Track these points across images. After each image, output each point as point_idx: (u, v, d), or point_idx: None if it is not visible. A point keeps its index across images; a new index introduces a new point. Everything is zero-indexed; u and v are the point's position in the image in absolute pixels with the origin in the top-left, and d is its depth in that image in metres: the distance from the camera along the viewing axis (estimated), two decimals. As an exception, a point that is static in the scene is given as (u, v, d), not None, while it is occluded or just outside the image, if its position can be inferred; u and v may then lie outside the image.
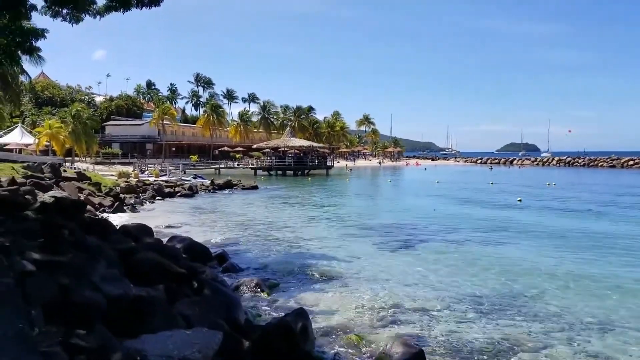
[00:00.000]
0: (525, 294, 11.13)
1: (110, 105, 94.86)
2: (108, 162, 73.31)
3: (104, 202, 25.67)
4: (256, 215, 25.08)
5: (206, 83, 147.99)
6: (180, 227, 20.40)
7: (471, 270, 13.39)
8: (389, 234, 19.34)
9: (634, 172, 77.30)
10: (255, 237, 18.33)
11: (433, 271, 13.24)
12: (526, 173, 77.02)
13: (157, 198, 31.09)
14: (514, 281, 12.23)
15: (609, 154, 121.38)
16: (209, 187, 39.06)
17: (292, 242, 17.44)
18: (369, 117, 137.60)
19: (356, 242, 17.58)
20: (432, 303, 10.40)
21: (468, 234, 19.16)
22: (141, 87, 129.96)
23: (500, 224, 21.82)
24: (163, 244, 11.97)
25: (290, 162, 65.85)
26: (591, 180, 56.64)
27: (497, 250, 16.18)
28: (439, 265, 13.98)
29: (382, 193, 39.22)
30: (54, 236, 9.79)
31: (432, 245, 16.88)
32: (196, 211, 26.24)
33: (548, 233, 19.70)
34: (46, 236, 9.61)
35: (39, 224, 10.44)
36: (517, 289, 11.55)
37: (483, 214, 25.34)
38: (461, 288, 11.60)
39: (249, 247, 16.39)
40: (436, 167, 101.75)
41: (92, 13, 14.71)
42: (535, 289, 11.59)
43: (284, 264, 13.94)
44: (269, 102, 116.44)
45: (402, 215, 24.43)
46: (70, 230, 10.49)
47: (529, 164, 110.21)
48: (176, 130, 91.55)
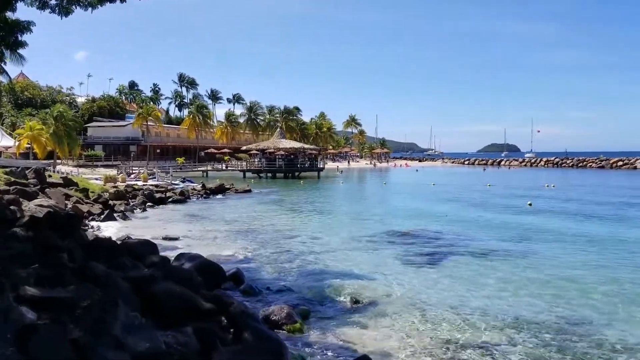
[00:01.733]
0: (590, 319, 9.79)
1: (93, 106, 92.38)
2: (91, 164, 71.10)
3: (93, 209, 23.95)
4: (258, 222, 23.51)
5: (190, 83, 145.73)
6: (179, 239, 18.77)
7: (513, 287, 12.06)
8: (406, 243, 17.92)
9: (623, 173, 77.12)
10: (265, 250, 16.80)
11: (472, 290, 11.88)
12: (518, 174, 76.35)
13: (148, 204, 29.33)
14: (569, 301, 10.91)
15: (591, 154, 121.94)
16: (201, 192, 37.35)
17: (305, 254, 15.98)
18: (356, 118, 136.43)
19: (375, 254, 16.17)
20: (491, 334, 9.01)
21: (491, 243, 17.85)
22: (124, 88, 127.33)
23: (521, 231, 20.54)
24: (176, 267, 10.38)
25: (281, 164, 64.17)
26: (588, 181, 55.97)
27: (534, 262, 14.88)
28: (475, 282, 12.61)
29: (381, 197, 37.85)
30: (52, 262, 8.20)
31: (458, 258, 15.54)
32: (192, 219, 24.56)
33: (580, 240, 18.59)
34: (42, 261, 8.04)
35: (32, 245, 8.86)
36: (579, 311, 10.23)
37: (497, 219, 24.07)
38: (512, 310, 10.27)
39: (261, 262, 14.85)
40: (424, 168, 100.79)
41: (84, 4, 13.14)
42: (599, 310, 10.27)
43: (306, 282, 12.48)
44: (256, 102, 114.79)
45: (413, 222, 23.01)
46: (70, 253, 8.91)
47: (517, 165, 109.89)
48: (161, 131, 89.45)
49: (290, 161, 65.80)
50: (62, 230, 10.90)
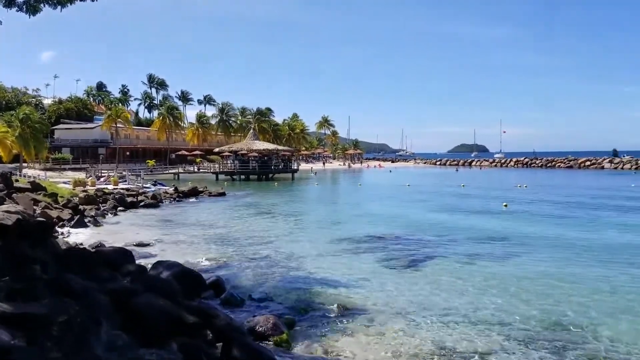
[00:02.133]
0: (579, 323, 9.71)
1: (60, 108, 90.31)
2: (58, 168, 69.39)
3: (63, 215, 23.15)
4: (235, 227, 23.08)
5: (159, 84, 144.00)
6: (153, 244, 18.28)
7: (497, 292, 11.94)
8: (386, 247, 17.74)
9: (591, 173, 78.63)
10: (243, 255, 16.42)
11: (456, 295, 11.74)
12: (490, 174, 77.27)
13: (119, 209, 28.57)
14: (557, 305, 10.84)
15: (558, 154, 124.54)
16: (174, 195, 36.63)
17: (285, 260, 15.66)
18: (329, 119, 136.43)
19: (357, 259, 15.88)
20: (480, 340, 8.86)
21: (471, 246, 17.80)
22: (92, 89, 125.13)
23: (500, 233, 20.56)
24: (154, 276, 9.95)
25: (255, 165, 63.53)
26: (558, 181, 56.84)
27: (515, 265, 14.84)
28: (458, 287, 12.46)
29: (358, 199, 37.57)
30: (24, 274, 7.73)
31: (440, 261, 15.39)
32: (166, 224, 23.98)
33: (558, 241, 18.77)
34: (13, 274, 7.57)
35: (0, 256, 8.36)
36: (567, 315, 10.14)
37: (475, 221, 24.11)
38: (498, 315, 10.15)
39: (240, 269, 14.48)
40: (397, 169, 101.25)
41: (53, 3, 12.65)
42: (584, 315, 10.20)
43: (289, 290, 12.16)
44: (228, 104, 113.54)
45: (392, 225, 22.87)
46: (43, 265, 8.43)
47: (488, 165, 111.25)
48: (130, 133, 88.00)
49: (264, 163, 65.22)
50: (32, 239, 10.39)
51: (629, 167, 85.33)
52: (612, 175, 70.40)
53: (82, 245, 17.13)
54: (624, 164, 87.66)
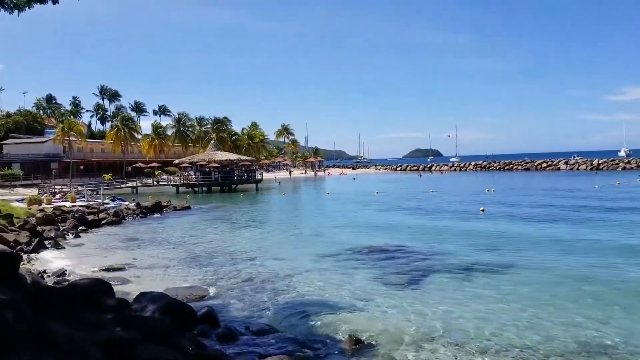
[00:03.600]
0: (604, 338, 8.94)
1: (8, 122, 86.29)
2: (8, 184, 65.88)
3: (20, 238, 21.23)
4: (208, 244, 21.69)
5: (112, 96, 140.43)
6: (124, 269, 16.75)
7: (510, 307, 11.25)
8: (377, 260, 16.80)
9: (548, 174, 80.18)
10: (226, 278, 15.12)
11: (467, 314, 10.88)
12: (453, 179, 77.67)
13: (80, 228, 26.66)
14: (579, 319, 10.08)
15: (509, 157, 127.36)
16: (136, 211, 34.73)
17: (274, 281, 14.45)
18: (288, 127, 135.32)
19: (349, 276, 14.82)
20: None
21: (465, 256, 17.10)
22: (41, 102, 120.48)
23: (487, 240, 20.10)
24: (149, 318, 8.66)
25: (217, 177, 61.77)
26: (522, 184, 57.47)
27: (516, 274, 14.27)
28: (465, 303, 11.64)
29: (330, 209, 36.43)
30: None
31: (437, 275, 14.54)
32: (134, 244, 22.35)
33: (548, 245, 18.46)
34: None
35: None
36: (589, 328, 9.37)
37: (457, 228, 23.52)
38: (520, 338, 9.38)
39: (227, 295, 13.19)
40: (359, 176, 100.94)
41: (9, 6, 11.31)
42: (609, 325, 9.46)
43: (289, 318, 11.03)
44: (184, 114, 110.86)
45: (376, 236, 21.94)
46: (15, 310, 7.05)
47: (448, 170, 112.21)
48: (84, 146, 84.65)
49: (227, 174, 63.56)
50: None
51: (584, 167, 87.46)
52: (571, 176, 71.85)
53: (46, 273, 15.59)
54: (579, 164, 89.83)
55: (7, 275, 9.08)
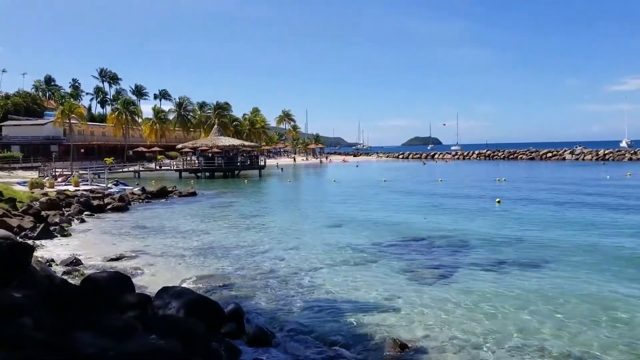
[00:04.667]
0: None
1: (7, 103, 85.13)
2: (7, 167, 64.93)
3: (24, 223, 20.41)
4: (219, 233, 20.83)
5: (112, 79, 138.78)
6: (135, 257, 15.98)
7: (554, 307, 10.46)
8: (401, 254, 15.96)
9: (554, 164, 79.25)
10: (244, 270, 14.27)
11: (512, 316, 10.07)
12: (459, 168, 76.71)
13: (85, 214, 25.86)
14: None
15: (508, 145, 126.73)
16: (142, 197, 33.88)
17: (296, 275, 13.61)
18: (290, 113, 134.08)
19: (377, 271, 13.98)
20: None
21: (493, 250, 16.27)
22: (40, 84, 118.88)
23: (513, 232, 19.36)
24: (177, 319, 7.82)
25: (220, 162, 60.81)
26: (531, 174, 56.73)
27: (552, 272, 13.34)
28: (508, 303, 10.80)
29: (339, 197, 35.40)
30: (8, 332, 5.55)
31: (468, 271, 13.73)
32: (143, 231, 21.51)
33: (576, 236, 17.45)
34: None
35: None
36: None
37: (479, 219, 22.82)
38: (570, 342, 8.59)
39: (249, 290, 12.32)
40: (362, 163, 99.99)
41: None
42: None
43: (321, 317, 10.23)
44: (185, 98, 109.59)
45: (393, 227, 21.16)
46: (34, 315, 6.22)
47: (451, 158, 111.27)
48: (84, 129, 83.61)
49: (230, 159, 62.60)
50: (7, 272, 8.18)
51: (590, 158, 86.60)
52: (577, 166, 71.00)
53: (54, 262, 14.76)
54: (585, 155, 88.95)
55: (18, 271, 8.28)
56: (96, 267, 14.38)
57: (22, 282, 8.14)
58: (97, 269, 14.16)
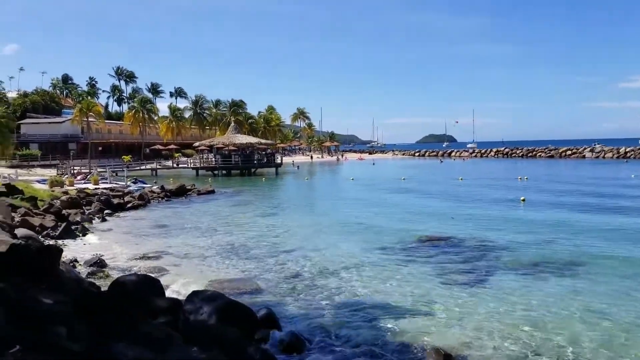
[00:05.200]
0: None
1: (25, 101, 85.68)
2: (26, 165, 65.44)
3: (46, 222, 20.24)
4: (241, 232, 20.54)
5: (128, 77, 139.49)
6: (159, 257, 15.70)
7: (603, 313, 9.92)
8: (434, 255, 15.47)
9: (574, 162, 78.07)
10: (270, 272, 13.92)
11: (562, 325, 9.57)
12: (477, 166, 75.73)
13: (105, 212, 25.72)
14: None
15: (524, 143, 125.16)
16: (161, 195, 33.74)
17: (323, 276, 13.23)
18: (304, 111, 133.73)
19: (409, 273, 13.48)
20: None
21: (527, 250, 15.89)
22: (58, 82, 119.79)
23: (544, 232, 18.80)
24: (213, 326, 7.49)
25: (237, 160, 60.65)
26: (553, 172, 55.90)
27: (594, 271, 12.83)
28: (550, 308, 10.36)
29: (360, 195, 34.92)
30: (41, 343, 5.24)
31: (504, 273, 13.30)
32: (164, 231, 21.30)
33: (610, 236, 17.25)
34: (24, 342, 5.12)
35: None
36: None
37: (507, 219, 22.29)
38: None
39: (277, 293, 11.96)
40: (378, 161, 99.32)
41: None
42: None
43: (354, 322, 9.82)
44: (201, 96, 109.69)
45: (420, 226, 20.66)
46: (68, 323, 5.90)
47: (468, 156, 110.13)
48: (102, 128, 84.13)
49: (247, 157, 62.43)
50: (35, 275, 7.91)
51: (611, 156, 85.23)
52: (598, 164, 69.87)
53: (78, 262, 14.55)
54: (605, 152, 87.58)
55: (46, 274, 8.01)
56: (120, 268, 14.18)
57: (50, 286, 7.87)
58: (121, 270, 13.99)
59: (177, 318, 8.02)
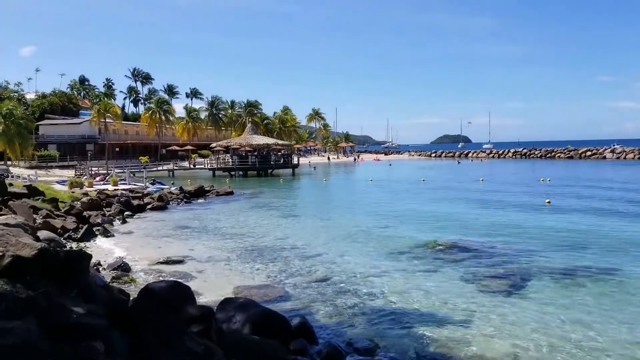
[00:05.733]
0: None
1: (44, 102, 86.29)
2: (45, 165, 65.88)
3: (67, 224, 20.07)
4: (263, 235, 20.19)
5: (144, 78, 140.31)
6: (182, 261, 15.39)
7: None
8: (464, 260, 14.95)
9: (595, 163, 76.74)
10: (297, 277, 13.52)
11: (611, 341, 9.07)
12: (496, 167, 74.84)
13: (126, 214, 25.54)
14: None
15: (540, 144, 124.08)
16: (180, 196, 33.53)
17: (355, 283, 12.80)
18: (320, 112, 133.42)
19: (440, 279, 13.02)
20: None
21: (561, 256, 15.26)
22: (75, 83, 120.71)
23: (576, 237, 18.19)
24: (251, 338, 7.13)
25: (254, 161, 60.44)
26: (576, 173, 54.86)
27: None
28: (600, 322, 9.84)
29: (380, 196, 34.30)
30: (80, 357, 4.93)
31: (540, 282, 12.67)
32: (185, 232, 21.05)
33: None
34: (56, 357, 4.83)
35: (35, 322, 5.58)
36: None
37: (535, 223, 21.58)
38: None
39: (309, 299, 11.58)
40: (394, 162, 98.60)
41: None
42: None
43: (391, 332, 9.44)
44: (217, 97, 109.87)
45: (446, 229, 20.23)
46: (106, 338, 5.58)
47: (485, 157, 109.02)
48: (119, 128, 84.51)
49: (263, 158, 62.21)
50: (62, 281, 7.61)
51: (632, 156, 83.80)
52: (621, 165, 68.76)
53: (101, 266, 14.28)
54: (627, 153, 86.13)
55: (76, 282, 7.71)
56: (144, 272, 13.93)
57: (81, 294, 7.58)
58: (145, 274, 13.73)
59: (209, 327, 7.68)
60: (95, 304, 7.59)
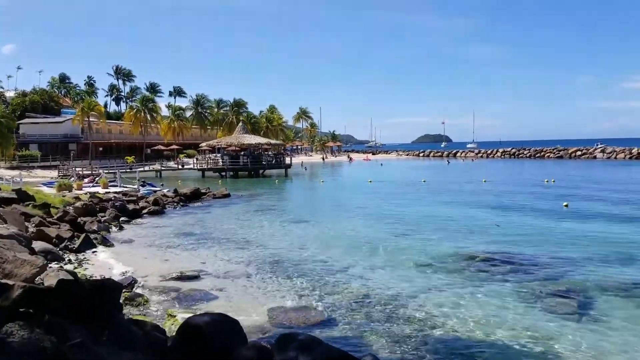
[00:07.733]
0: None
1: (24, 101, 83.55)
2: (26, 166, 63.48)
3: (62, 232, 18.25)
4: (281, 243, 18.64)
5: (126, 76, 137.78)
6: (197, 276, 13.81)
7: None
8: (506, 274, 13.62)
9: (586, 163, 76.38)
10: (333, 294, 12.06)
11: None
12: (490, 167, 73.93)
13: (122, 219, 23.82)
14: None
15: (521, 143, 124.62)
16: (175, 199, 31.79)
17: (396, 303, 11.36)
18: (307, 111, 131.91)
19: (487, 298, 11.58)
20: None
21: (607, 269, 14.00)
22: (55, 81, 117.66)
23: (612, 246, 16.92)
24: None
25: (246, 161, 58.70)
26: (576, 173, 54.19)
27: None
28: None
29: (387, 200, 32.29)
30: None
31: (601, 300, 11.45)
32: (189, 240, 19.45)
33: None
34: None
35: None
36: None
37: (564, 229, 20.28)
38: None
39: (353, 323, 10.15)
40: (384, 162, 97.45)
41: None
42: None
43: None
44: (202, 95, 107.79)
45: (471, 238, 18.86)
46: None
47: (474, 157, 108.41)
48: (102, 128, 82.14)
49: (255, 158, 60.52)
50: (90, 322, 6.14)
51: (623, 156, 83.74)
52: (613, 165, 68.38)
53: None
54: (617, 153, 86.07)
55: (107, 320, 6.22)
56: (158, 290, 12.35)
57: (113, 338, 6.08)
58: (160, 293, 12.21)
59: None
60: (133, 351, 6.09)
